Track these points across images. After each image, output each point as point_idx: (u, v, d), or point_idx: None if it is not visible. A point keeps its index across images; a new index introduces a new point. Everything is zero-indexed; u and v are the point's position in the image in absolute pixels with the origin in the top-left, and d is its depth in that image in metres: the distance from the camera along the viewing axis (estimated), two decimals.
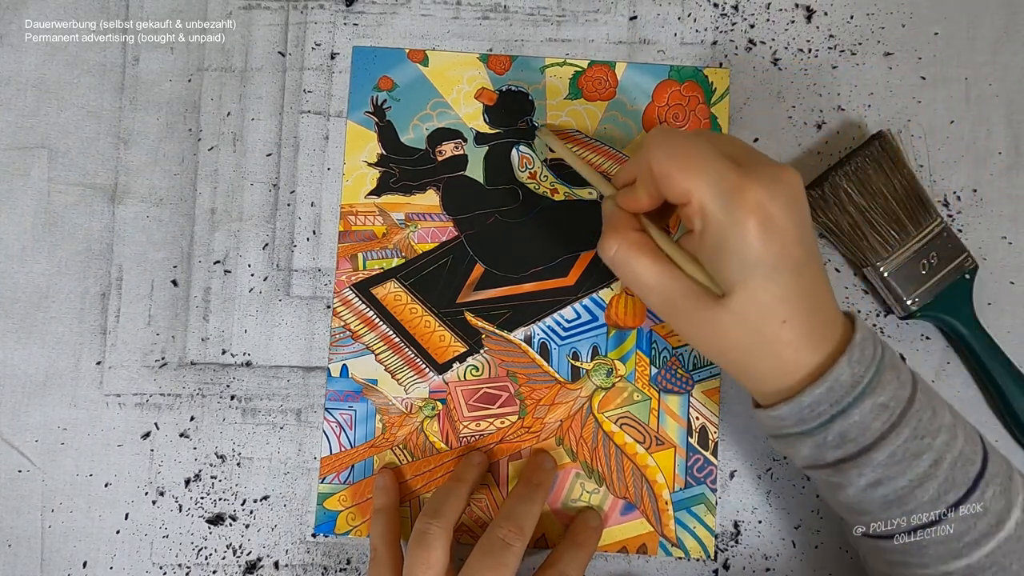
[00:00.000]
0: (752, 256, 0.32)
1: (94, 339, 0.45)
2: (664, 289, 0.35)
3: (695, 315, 0.35)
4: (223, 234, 0.46)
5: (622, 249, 0.36)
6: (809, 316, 0.34)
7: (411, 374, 0.45)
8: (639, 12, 0.47)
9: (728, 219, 0.32)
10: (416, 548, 0.38)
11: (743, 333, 0.34)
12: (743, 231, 0.32)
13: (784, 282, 0.33)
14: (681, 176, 0.33)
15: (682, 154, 0.34)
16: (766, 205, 0.32)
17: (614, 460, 0.44)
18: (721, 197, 0.32)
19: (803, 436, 0.35)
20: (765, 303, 0.33)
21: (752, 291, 0.33)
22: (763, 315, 0.33)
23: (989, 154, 0.46)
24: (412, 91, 0.46)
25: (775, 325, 0.33)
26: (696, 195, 0.33)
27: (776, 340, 0.33)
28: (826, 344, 0.34)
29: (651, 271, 0.36)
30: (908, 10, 0.46)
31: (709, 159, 0.33)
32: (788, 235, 0.33)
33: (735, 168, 0.33)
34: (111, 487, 0.45)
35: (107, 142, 0.46)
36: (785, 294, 0.33)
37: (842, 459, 0.34)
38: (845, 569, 0.44)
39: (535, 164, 0.46)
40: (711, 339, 0.35)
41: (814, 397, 0.33)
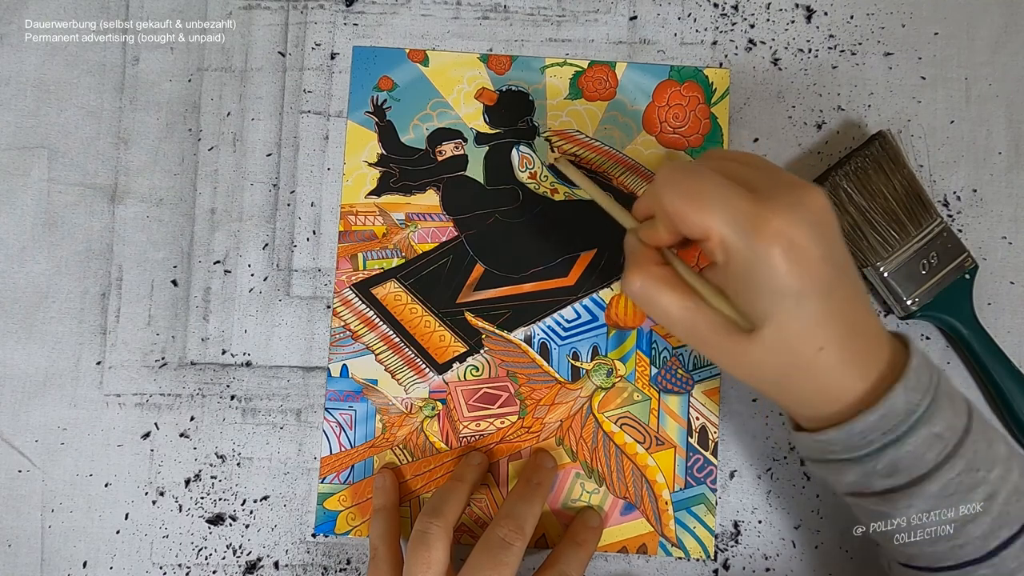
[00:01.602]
0: (779, 285, 0.31)
1: (94, 339, 0.45)
2: (691, 323, 0.34)
3: (725, 348, 0.34)
4: (223, 234, 0.46)
5: (646, 284, 0.35)
6: (849, 340, 0.32)
7: (411, 374, 0.45)
8: (639, 12, 0.47)
9: (750, 251, 0.31)
10: (416, 548, 0.38)
11: (778, 364, 0.33)
12: (767, 261, 0.31)
13: (814, 308, 0.32)
14: (696, 215, 0.32)
15: (693, 192, 0.32)
16: (787, 232, 0.31)
17: (614, 460, 0.44)
18: (740, 230, 0.31)
19: (850, 463, 0.33)
20: (797, 332, 0.32)
21: (782, 321, 0.32)
22: (797, 344, 0.32)
23: (989, 154, 0.46)
24: (412, 91, 0.46)
25: (812, 352, 0.32)
26: (714, 231, 0.32)
27: (815, 367, 0.32)
28: (873, 368, 0.33)
29: (677, 305, 0.35)
30: (908, 10, 0.46)
31: (721, 194, 0.32)
32: (813, 258, 0.31)
33: (750, 198, 0.32)
34: (111, 487, 0.45)
35: (107, 142, 0.46)
36: (817, 319, 0.32)
37: (891, 489, 0.33)
38: (845, 569, 0.44)
39: (535, 164, 0.46)
40: (744, 370, 0.34)
41: (866, 424, 0.32)
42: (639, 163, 0.46)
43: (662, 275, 0.36)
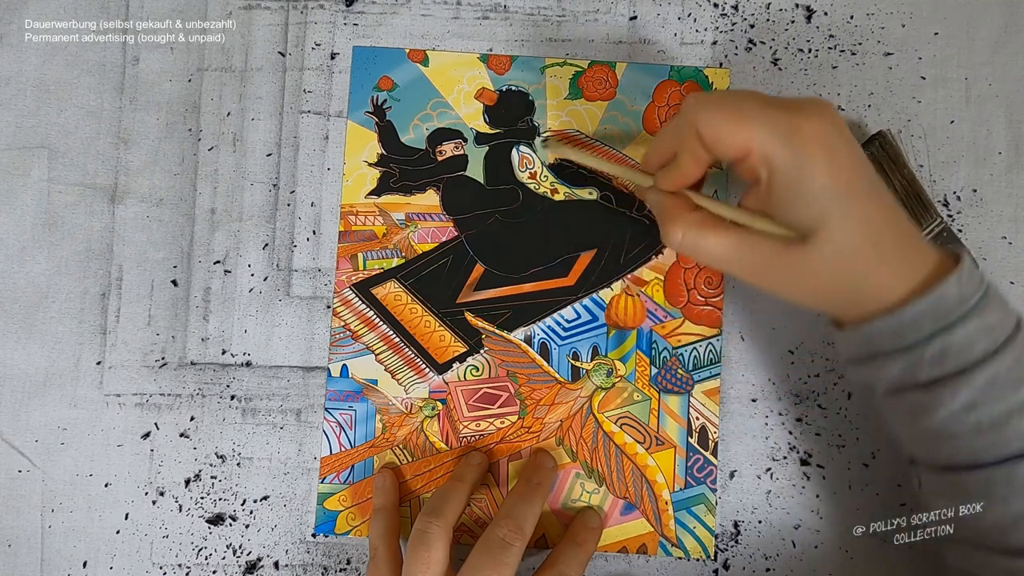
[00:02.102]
0: (827, 187, 0.32)
1: (94, 339, 0.45)
2: (743, 255, 0.35)
3: (783, 267, 0.34)
4: (223, 234, 0.46)
5: (688, 233, 0.36)
6: (899, 237, 0.33)
7: (411, 374, 0.45)
8: (639, 12, 0.47)
9: (795, 158, 0.32)
10: (416, 547, 0.38)
11: (835, 266, 0.33)
12: (812, 165, 0.32)
13: (863, 205, 0.33)
14: (736, 130, 0.33)
15: (730, 109, 0.33)
16: (826, 135, 0.32)
17: (614, 460, 0.44)
18: (782, 138, 0.32)
19: (895, 354, 0.34)
20: (851, 230, 0.33)
21: (835, 222, 0.32)
22: (852, 242, 0.33)
23: (989, 154, 0.46)
24: (412, 91, 0.46)
25: (867, 249, 0.33)
26: (757, 143, 0.33)
27: (870, 263, 0.33)
28: (924, 264, 0.34)
29: (724, 243, 0.35)
30: (908, 10, 0.46)
31: (758, 106, 0.33)
32: (853, 161, 0.33)
33: (785, 107, 0.33)
34: (111, 487, 0.45)
35: (107, 142, 0.46)
36: (867, 216, 0.33)
37: (937, 378, 0.33)
38: (845, 569, 0.44)
39: (535, 164, 0.46)
40: (803, 284, 0.34)
41: (917, 311, 0.33)
42: (639, 163, 0.46)
43: (700, 219, 0.36)
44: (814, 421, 0.44)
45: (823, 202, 0.32)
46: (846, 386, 0.45)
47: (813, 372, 0.45)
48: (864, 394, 0.44)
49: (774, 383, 0.45)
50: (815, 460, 0.44)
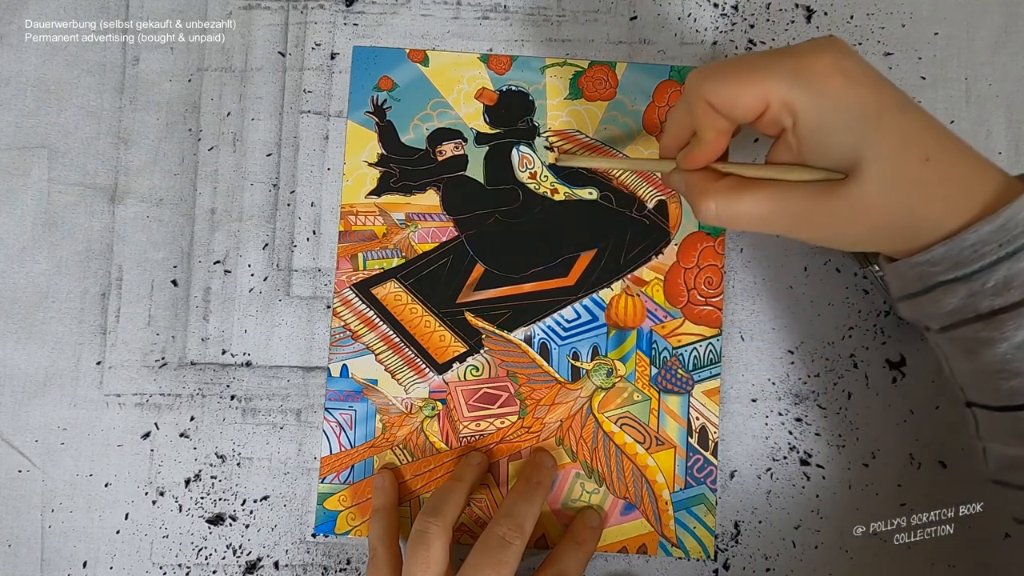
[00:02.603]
0: (858, 112, 0.31)
1: (94, 339, 0.45)
2: (786, 208, 0.33)
3: (829, 211, 0.32)
4: (223, 234, 0.46)
5: (720, 202, 0.34)
6: (953, 151, 0.31)
7: (411, 374, 0.45)
8: (639, 12, 0.47)
9: (815, 95, 0.31)
10: (415, 547, 0.38)
11: (886, 195, 0.31)
12: (834, 97, 0.31)
13: (903, 120, 0.31)
14: (748, 88, 0.32)
15: (735, 70, 0.32)
16: (839, 62, 0.31)
17: (614, 460, 0.44)
18: (795, 80, 0.31)
19: (955, 283, 0.32)
20: (896, 150, 0.31)
21: (877, 145, 0.31)
22: (900, 163, 0.31)
23: (989, 154, 0.45)
24: (412, 91, 0.46)
25: (918, 167, 0.31)
26: (773, 94, 0.32)
27: (924, 183, 0.31)
28: (987, 187, 0.31)
29: (761, 201, 0.34)
30: (908, 10, 0.46)
31: (762, 60, 0.32)
32: (876, 79, 0.32)
33: (788, 53, 0.32)
34: (111, 487, 0.45)
35: (107, 142, 0.46)
36: (911, 131, 0.31)
37: (1001, 309, 0.31)
38: (845, 569, 0.44)
39: (535, 164, 0.46)
40: (854, 223, 0.32)
41: (981, 235, 0.30)
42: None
43: (729, 185, 0.35)
44: (814, 421, 0.44)
45: (858, 130, 0.31)
46: (846, 386, 0.45)
47: (813, 372, 0.45)
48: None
49: (774, 383, 0.45)
50: (815, 460, 0.44)
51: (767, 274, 0.45)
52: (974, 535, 0.43)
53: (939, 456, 0.44)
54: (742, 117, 0.33)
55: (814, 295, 0.45)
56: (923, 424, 0.44)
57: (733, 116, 0.33)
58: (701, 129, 0.35)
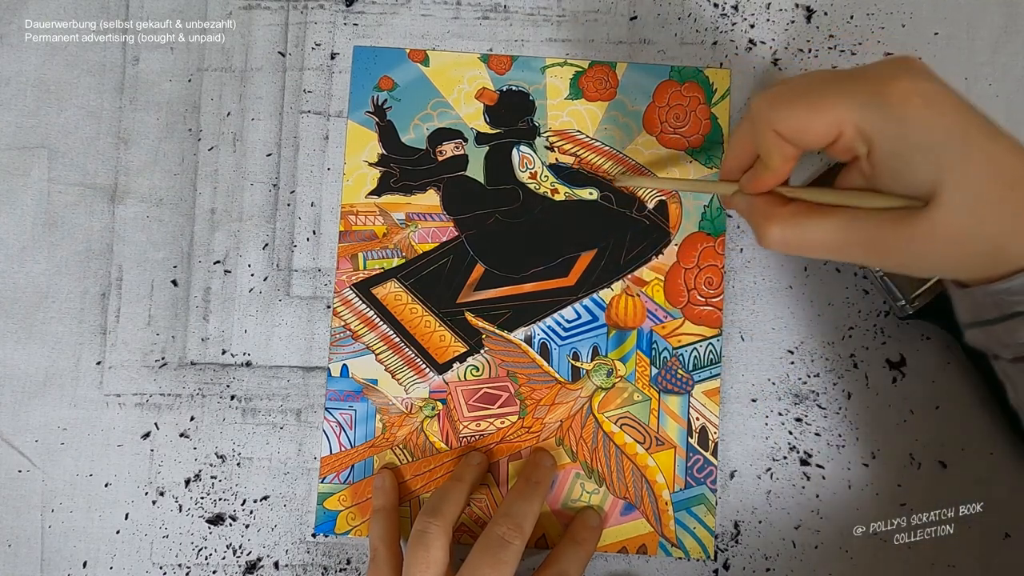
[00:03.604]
0: (939, 137, 0.29)
1: (94, 339, 0.45)
2: (857, 236, 0.32)
3: (909, 238, 0.31)
4: (223, 234, 0.46)
5: (786, 228, 0.33)
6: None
7: (411, 374, 0.45)
8: (639, 12, 0.47)
9: (892, 120, 0.30)
10: (415, 547, 0.38)
11: (968, 222, 0.30)
12: (915, 123, 0.29)
13: (986, 147, 0.30)
14: (819, 117, 0.31)
15: (805, 98, 0.31)
16: (916, 85, 0.30)
17: (614, 460, 0.44)
18: (873, 107, 0.30)
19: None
20: (979, 177, 0.29)
21: (957, 173, 0.29)
22: (983, 190, 0.29)
23: None
24: (412, 91, 0.46)
25: (1004, 193, 0.29)
26: (847, 121, 0.30)
27: (1009, 211, 0.29)
28: None
29: (832, 228, 0.32)
30: (908, 10, 0.46)
31: (833, 86, 0.31)
32: (956, 104, 0.30)
33: (861, 77, 0.31)
34: (111, 487, 0.45)
35: (107, 142, 0.46)
36: (994, 157, 0.30)
37: None
38: (845, 569, 0.44)
39: (535, 164, 0.46)
40: (931, 251, 0.31)
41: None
42: (639, 163, 0.46)
43: (796, 211, 0.34)
44: (814, 421, 0.44)
45: (938, 157, 0.29)
46: (846, 386, 0.45)
47: (813, 372, 0.45)
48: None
49: (774, 383, 0.45)
50: (815, 460, 0.44)
51: (767, 274, 0.45)
52: (974, 535, 0.43)
53: (939, 456, 0.44)
54: (813, 145, 0.32)
55: (814, 295, 0.45)
56: (923, 424, 0.44)
57: (802, 144, 0.32)
58: (767, 155, 0.34)
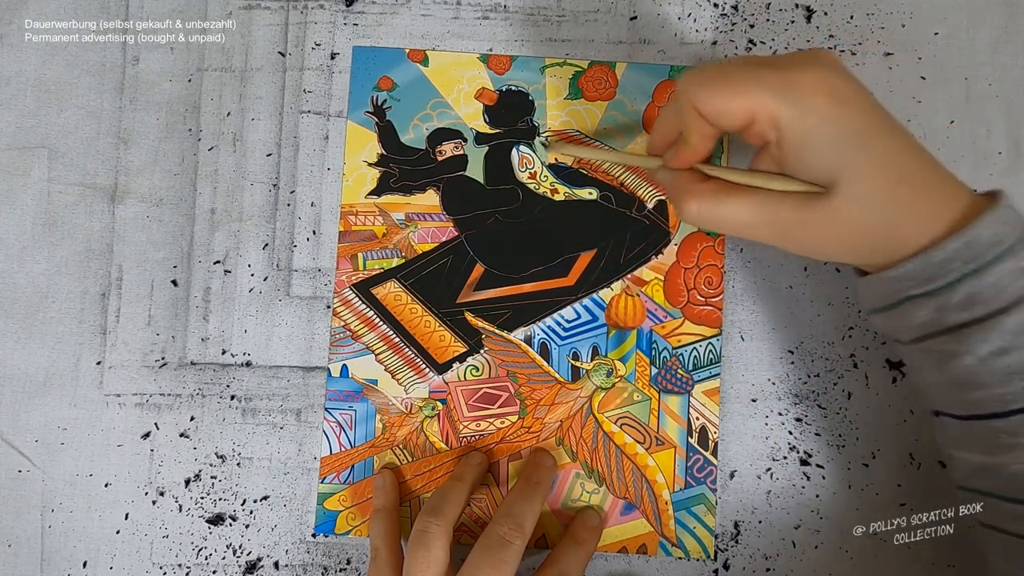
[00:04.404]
0: (840, 133, 0.32)
1: (94, 339, 0.45)
2: (766, 216, 0.34)
3: (809, 222, 0.33)
4: (223, 234, 0.46)
5: (703, 204, 0.35)
6: (926, 173, 0.33)
7: (411, 374, 0.45)
8: (639, 12, 0.47)
9: (800, 111, 0.32)
10: (416, 547, 0.38)
11: (864, 212, 0.32)
12: (820, 113, 0.32)
13: (881, 143, 0.32)
14: (735, 100, 0.33)
15: (724, 81, 0.33)
16: (826, 81, 0.32)
17: (614, 460, 0.44)
18: (783, 96, 0.32)
19: (922, 298, 0.33)
20: (873, 170, 0.32)
21: (856, 166, 0.32)
22: (877, 183, 0.32)
23: (989, 154, 0.46)
24: (412, 91, 0.46)
25: (891, 187, 0.32)
26: (760, 108, 0.32)
27: (897, 203, 0.32)
28: (954, 205, 0.32)
29: (745, 207, 0.35)
30: (908, 10, 0.46)
31: (751, 72, 0.33)
32: (861, 100, 0.32)
33: (777, 65, 0.33)
34: (111, 487, 0.45)
35: (107, 142, 0.46)
36: (887, 154, 0.32)
37: (966, 323, 0.32)
38: (845, 569, 0.44)
39: (535, 164, 0.46)
40: (831, 236, 0.34)
41: (947, 252, 0.32)
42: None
43: (714, 188, 0.36)
44: (814, 421, 0.44)
45: (839, 149, 0.32)
46: (846, 386, 0.45)
47: (813, 372, 0.45)
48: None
49: (774, 383, 0.45)
50: (815, 460, 0.44)
51: (767, 274, 0.45)
52: (974, 535, 0.43)
53: (939, 456, 0.44)
54: (728, 126, 0.34)
55: (814, 295, 0.45)
56: (923, 424, 0.44)
57: (719, 124, 0.34)
58: (688, 132, 0.36)
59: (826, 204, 0.33)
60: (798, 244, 0.35)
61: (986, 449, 0.34)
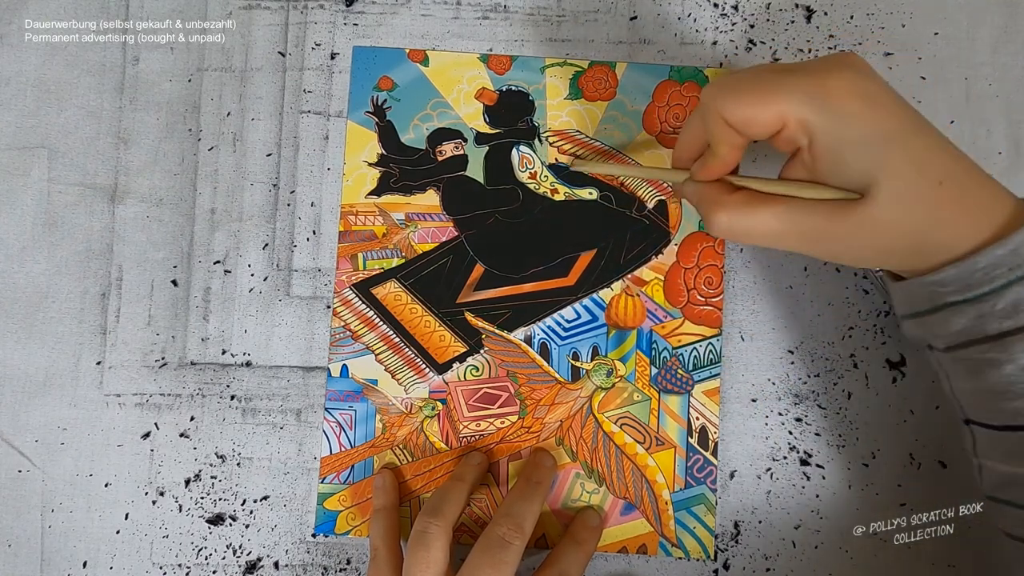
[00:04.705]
0: (872, 136, 0.31)
1: (94, 339, 0.45)
2: (798, 225, 0.33)
3: (843, 230, 0.32)
4: (223, 234, 0.46)
5: (733, 215, 0.34)
6: (967, 176, 0.32)
7: (411, 374, 0.45)
8: (639, 12, 0.47)
9: (832, 116, 0.31)
10: (415, 547, 0.38)
11: (900, 216, 0.31)
12: (851, 119, 0.31)
13: (918, 142, 0.31)
14: (764, 108, 0.32)
15: (752, 89, 0.32)
16: (856, 85, 0.31)
17: (614, 460, 0.44)
18: (813, 102, 0.31)
19: (963, 305, 0.32)
20: (912, 170, 0.31)
21: (890, 169, 0.31)
22: (913, 186, 0.31)
23: (989, 154, 0.46)
24: (412, 91, 0.46)
25: (932, 189, 0.31)
26: (789, 114, 0.32)
27: (938, 205, 0.31)
28: (998, 210, 0.32)
29: (775, 217, 0.34)
30: (908, 10, 0.46)
31: (779, 79, 0.32)
32: (894, 102, 0.32)
33: (806, 71, 0.32)
34: (111, 487, 0.45)
35: (107, 142, 0.46)
36: (922, 155, 0.31)
37: (1009, 331, 0.31)
38: (845, 569, 0.44)
39: (535, 164, 0.46)
40: (866, 242, 0.33)
41: (993, 258, 0.31)
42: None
43: (743, 199, 0.35)
44: (814, 421, 0.44)
45: (872, 153, 0.31)
46: (846, 386, 0.45)
47: (813, 372, 0.45)
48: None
49: (774, 383, 0.45)
50: (815, 460, 0.44)
51: (767, 274, 0.45)
52: (974, 535, 0.43)
53: (939, 456, 0.44)
54: (757, 135, 0.33)
55: (814, 295, 0.45)
56: (923, 424, 0.44)
57: (748, 133, 0.33)
58: (715, 143, 0.35)
59: (862, 210, 0.32)
60: (833, 252, 0.34)
61: (1019, 460, 0.33)
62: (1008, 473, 0.34)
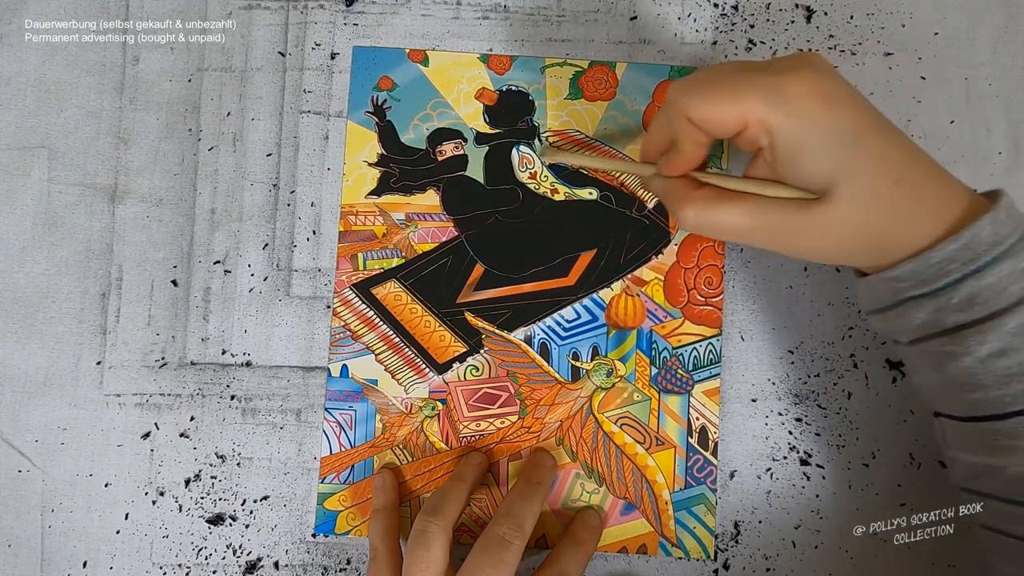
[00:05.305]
0: (833, 133, 0.31)
1: (94, 339, 0.45)
2: (761, 222, 0.34)
3: (805, 228, 0.33)
4: (223, 234, 0.46)
5: (699, 210, 0.35)
6: (923, 174, 0.33)
7: (411, 374, 0.45)
8: (639, 12, 0.47)
9: (792, 116, 0.32)
10: (415, 547, 0.38)
11: (860, 213, 0.32)
12: (812, 118, 0.31)
13: (876, 142, 0.32)
14: (725, 107, 0.32)
15: (714, 88, 0.33)
16: (816, 85, 0.32)
17: (614, 460, 0.44)
18: (773, 101, 0.32)
19: (922, 299, 0.33)
20: (869, 171, 0.32)
21: (851, 166, 0.31)
22: (873, 183, 0.32)
23: (989, 154, 0.46)
24: (412, 91, 0.46)
25: (890, 188, 0.32)
26: (751, 114, 0.32)
27: (895, 203, 0.32)
28: (954, 205, 0.32)
29: (739, 214, 0.34)
30: (908, 10, 0.46)
31: (742, 79, 0.33)
32: (853, 101, 0.32)
33: (767, 71, 0.32)
34: (111, 487, 0.45)
35: (107, 142, 0.46)
36: (883, 152, 0.32)
37: (965, 324, 0.32)
38: (845, 569, 0.44)
39: (535, 164, 0.46)
40: (828, 240, 0.33)
41: (946, 253, 0.31)
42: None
43: (709, 195, 0.35)
44: (814, 421, 0.44)
45: (833, 152, 0.32)
46: (846, 386, 0.45)
47: (813, 372, 0.45)
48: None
49: (774, 383, 0.45)
50: (815, 460, 0.44)
51: (767, 274, 0.45)
52: (974, 535, 0.43)
53: (939, 456, 0.44)
54: (720, 134, 0.34)
55: (814, 295, 0.45)
56: (923, 424, 0.44)
57: (711, 132, 0.34)
58: (680, 141, 0.36)
59: (822, 208, 0.32)
60: (796, 249, 0.35)
61: (985, 451, 0.34)
62: (975, 463, 0.35)
